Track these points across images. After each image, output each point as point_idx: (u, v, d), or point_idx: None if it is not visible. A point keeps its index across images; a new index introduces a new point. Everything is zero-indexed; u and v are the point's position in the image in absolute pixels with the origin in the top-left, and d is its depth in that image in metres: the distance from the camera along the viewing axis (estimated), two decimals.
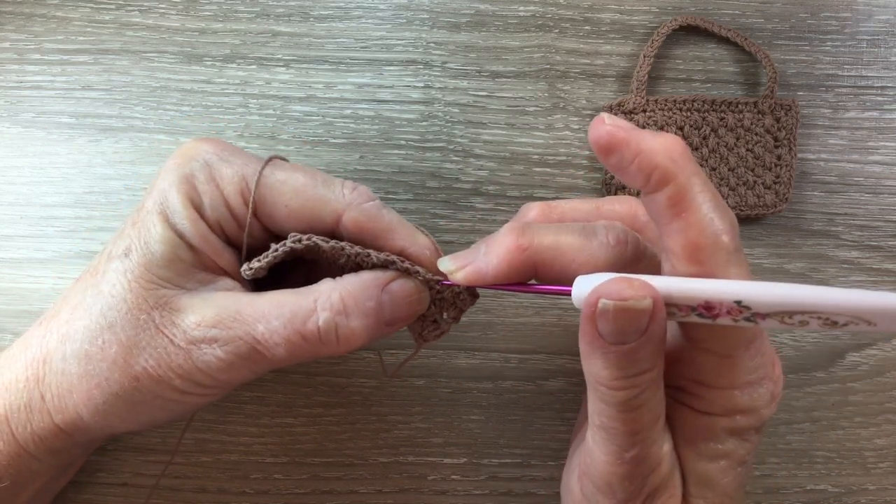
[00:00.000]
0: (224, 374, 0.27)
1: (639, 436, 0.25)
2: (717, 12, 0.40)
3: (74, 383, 0.27)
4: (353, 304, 0.27)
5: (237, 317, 0.26)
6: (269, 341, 0.26)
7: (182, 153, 0.28)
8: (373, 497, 0.38)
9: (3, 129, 0.38)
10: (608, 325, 0.23)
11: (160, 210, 0.27)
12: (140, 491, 0.37)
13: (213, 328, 0.26)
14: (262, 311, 0.26)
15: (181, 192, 0.27)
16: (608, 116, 0.24)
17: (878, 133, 0.40)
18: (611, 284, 0.23)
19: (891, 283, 0.39)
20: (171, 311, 0.26)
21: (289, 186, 0.28)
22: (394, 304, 0.28)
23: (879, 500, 0.39)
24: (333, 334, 0.27)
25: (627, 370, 0.24)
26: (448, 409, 0.38)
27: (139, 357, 0.26)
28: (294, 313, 0.26)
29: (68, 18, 0.39)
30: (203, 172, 0.27)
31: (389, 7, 0.39)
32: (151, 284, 0.26)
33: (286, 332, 0.26)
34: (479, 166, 0.39)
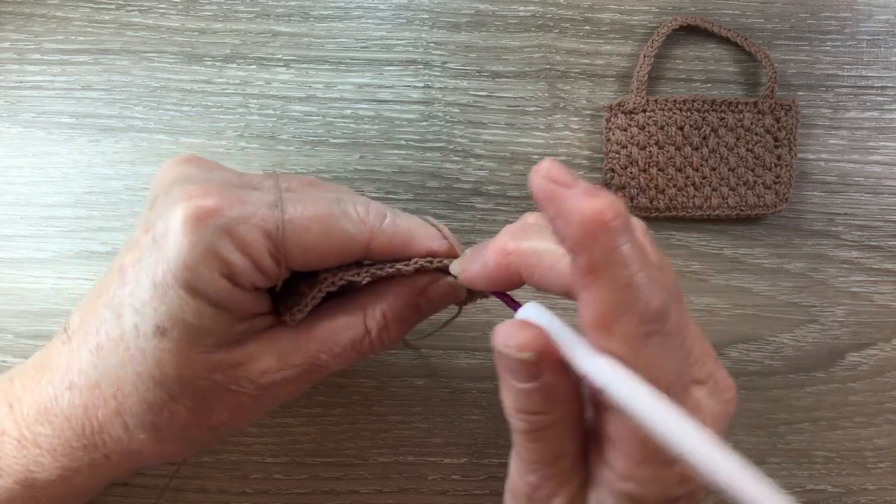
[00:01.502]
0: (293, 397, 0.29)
1: (536, 465, 0.25)
2: (717, 12, 0.40)
3: (146, 447, 0.27)
4: (394, 317, 0.29)
5: (298, 354, 0.27)
6: (331, 365, 0.28)
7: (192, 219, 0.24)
8: (373, 497, 0.38)
9: (3, 129, 0.38)
10: (503, 366, 0.24)
11: (186, 285, 0.24)
12: (140, 491, 0.37)
13: (279, 372, 0.27)
14: (322, 341, 0.28)
15: (211, 266, 0.25)
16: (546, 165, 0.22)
17: (878, 133, 0.40)
18: (506, 326, 0.24)
19: (891, 282, 0.39)
20: (232, 368, 0.26)
21: (313, 233, 0.26)
22: (431, 305, 0.30)
23: (879, 500, 0.39)
24: (381, 345, 0.29)
25: (522, 405, 0.24)
26: (448, 409, 0.38)
27: (213, 413, 0.27)
28: (353, 340, 0.28)
29: (68, 18, 0.39)
30: (225, 240, 0.25)
31: (389, 7, 0.39)
32: (203, 355, 0.26)
33: (346, 354, 0.28)
34: (479, 166, 0.39)
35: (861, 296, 0.39)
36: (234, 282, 0.25)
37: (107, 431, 0.26)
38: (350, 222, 0.27)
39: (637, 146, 0.38)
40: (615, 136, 0.38)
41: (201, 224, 0.24)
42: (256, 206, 0.26)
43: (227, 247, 0.25)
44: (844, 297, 0.39)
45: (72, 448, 0.27)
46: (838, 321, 0.39)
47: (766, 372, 0.39)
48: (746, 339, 0.39)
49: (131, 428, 0.26)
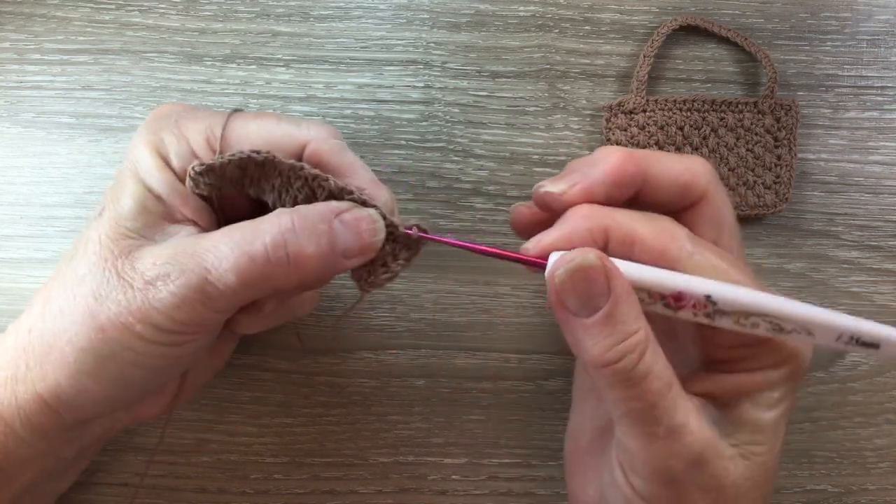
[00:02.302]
0: (179, 312, 0.26)
1: (660, 407, 0.25)
2: (717, 12, 0.40)
3: (50, 342, 0.27)
4: (304, 224, 0.26)
5: (188, 251, 0.26)
6: (219, 268, 0.25)
7: (153, 114, 0.29)
8: (373, 497, 0.38)
9: (3, 129, 0.38)
10: (573, 297, 0.24)
11: (132, 168, 0.28)
12: (141, 491, 0.37)
13: (165, 265, 0.26)
14: (213, 241, 0.26)
15: (149, 146, 0.28)
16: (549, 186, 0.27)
17: (878, 133, 0.40)
18: (559, 258, 0.24)
19: (891, 282, 0.39)
20: (133, 258, 0.26)
21: (254, 126, 0.28)
22: (348, 231, 0.27)
23: (879, 500, 0.39)
24: (283, 252, 0.26)
25: (613, 337, 0.24)
26: (448, 409, 0.38)
27: (103, 307, 0.26)
28: (242, 237, 0.26)
29: (68, 18, 0.39)
30: (170, 127, 0.28)
31: (389, 7, 0.39)
32: (119, 236, 0.27)
33: (234, 255, 0.25)
34: (479, 166, 0.39)
35: (861, 296, 0.39)
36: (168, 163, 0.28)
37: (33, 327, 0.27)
38: (293, 126, 0.28)
39: (637, 146, 0.38)
40: (615, 136, 0.38)
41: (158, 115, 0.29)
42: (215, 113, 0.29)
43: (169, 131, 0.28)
44: (844, 297, 0.39)
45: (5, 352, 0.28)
46: None
47: None
48: None
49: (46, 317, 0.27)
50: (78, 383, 0.27)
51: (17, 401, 0.27)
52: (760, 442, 0.27)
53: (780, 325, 0.25)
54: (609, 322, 0.24)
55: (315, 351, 0.38)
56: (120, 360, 0.26)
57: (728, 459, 0.26)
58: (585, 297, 0.24)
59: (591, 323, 0.24)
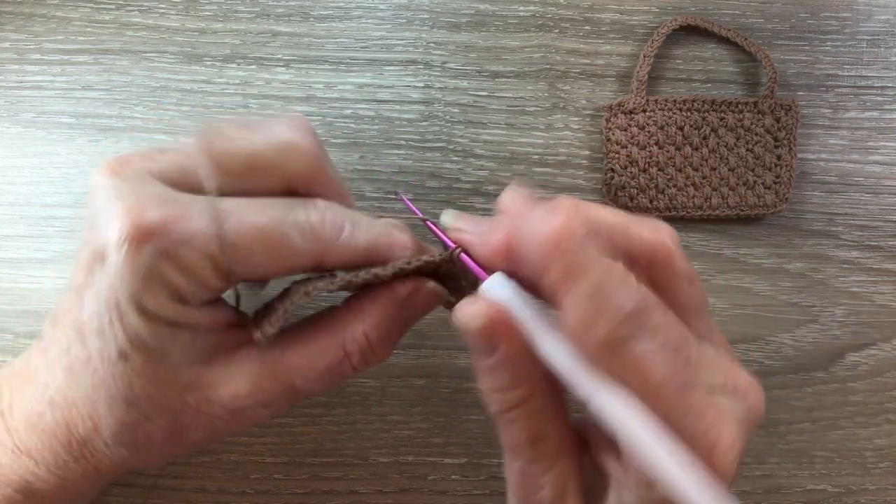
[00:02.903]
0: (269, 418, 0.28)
1: (518, 450, 0.25)
2: (717, 12, 0.40)
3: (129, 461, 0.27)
4: (379, 337, 0.27)
5: (272, 378, 0.26)
6: (307, 389, 0.27)
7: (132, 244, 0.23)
8: (373, 497, 0.38)
9: (3, 129, 0.38)
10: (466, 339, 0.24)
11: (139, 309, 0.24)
12: (141, 491, 0.37)
13: (251, 397, 0.26)
14: (297, 366, 0.27)
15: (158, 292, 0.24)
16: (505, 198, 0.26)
17: (878, 133, 0.40)
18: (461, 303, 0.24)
19: (891, 282, 0.39)
20: (202, 390, 0.26)
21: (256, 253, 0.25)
22: (417, 313, 0.28)
23: (879, 500, 0.39)
24: (365, 367, 0.28)
25: (490, 383, 0.24)
26: (448, 409, 0.38)
27: (187, 432, 0.26)
28: (329, 365, 0.27)
29: (68, 18, 0.39)
30: (167, 266, 0.24)
31: (389, 7, 0.39)
32: (170, 375, 0.25)
33: (323, 380, 0.27)
34: (479, 166, 0.39)
35: (861, 296, 0.39)
36: (184, 302, 0.25)
37: (90, 446, 0.26)
38: (300, 237, 0.25)
39: (637, 146, 0.38)
40: (615, 136, 0.38)
41: (141, 248, 0.23)
42: (196, 223, 0.24)
43: (170, 270, 0.24)
44: (844, 297, 0.39)
45: (63, 461, 0.27)
46: (838, 321, 0.39)
47: (766, 372, 0.39)
48: (746, 339, 0.39)
49: (111, 445, 0.26)
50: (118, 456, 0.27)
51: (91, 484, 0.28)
52: None
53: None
54: (488, 372, 0.24)
55: None
56: None
57: None
58: (473, 345, 0.24)
59: (478, 362, 0.24)
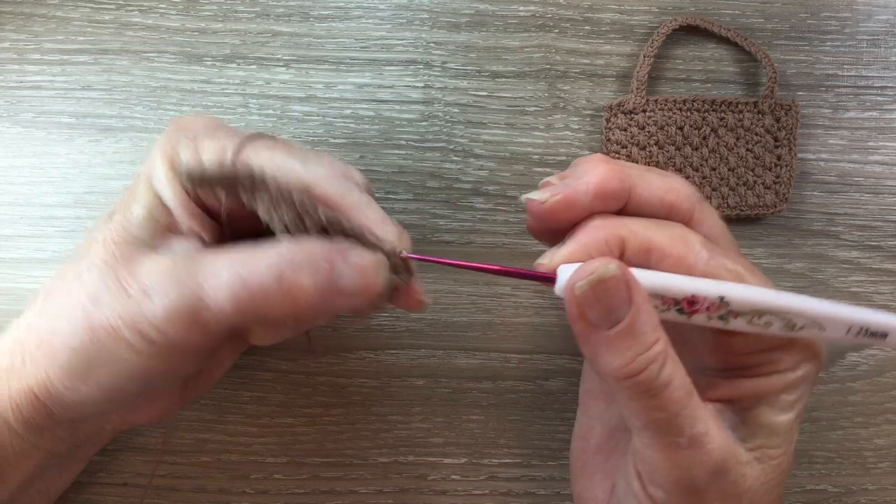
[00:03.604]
0: (170, 326, 0.25)
1: (682, 415, 0.25)
2: (717, 12, 0.40)
3: (44, 339, 0.26)
4: (304, 258, 0.25)
5: (188, 267, 0.25)
6: (216, 293, 0.25)
7: (175, 123, 0.29)
8: (373, 497, 0.38)
9: (3, 129, 0.38)
10: (595, 309, 0.24)
11: (146, 175, 0.28)
12: (141, 491, 0.37)
13: (162, 275, 0.25)
14: (213, 262, 0.25)
15: (164, 157, 0.28)
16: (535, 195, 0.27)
17: (878, 133, 0.40)
18: (578, 270, 0.24)
19: (891, 282, 0.39)
20: (133, 265, 0.26)
21: (264, 159, 0.28)
22: (351, 270, 0.26)
23: (879, 500, 0.39)
24: (277, 285, 0.25)
25: (636, 348, 0.24)
26: (448, 409, 0.38)
27: (97, 309, 0.26)
28: (242, 260, 0.25)
29: (68, 18, 0.39)
30: (187, 142, 0.28)
31: (389, 7, 0.39)
32: (123, 242, 0.27)
33: (231, 280, 0.25)
34: (479, 166, 0.39)
35: (861, 296, 0.39)
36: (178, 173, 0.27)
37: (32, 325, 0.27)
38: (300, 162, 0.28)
39: (637, 146, 0.38)
40: (615, 136, 0.38)
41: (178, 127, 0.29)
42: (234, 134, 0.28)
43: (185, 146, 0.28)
44: (844, 297, 0.39)
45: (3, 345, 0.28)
46: None
47: None
48: None
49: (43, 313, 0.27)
50: (68, 383, 0.27)
51: (11, 393, 0.27)
52: (776, 445, 0.27)
53: (793, 321, 0.25)
54: (630, 333, 0.24)
55: (317, 351, 0.38)
56: (109, 366, 0.26)
57: (746, 465, 0.26)
58: (607, 309, 0.24)
59: (613, 335, 0.24)
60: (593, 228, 0.26)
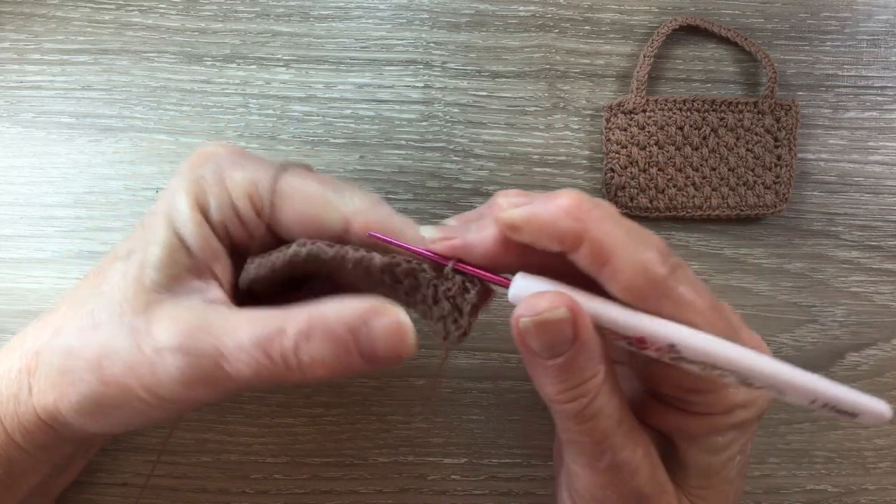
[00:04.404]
0: (185, 389, 0.25)
1: (604, 444, 0.25)
2: (717, 12, 0.40)
3: (55, 377, 0.26)
4: (322, 329, 0.24)
5: (208, 328, 0.25)
6: (236, 359, 0.24)
7: (198, 155, 0.27)
8: (373, 497, 0.38)
9: (3, 129, 0.38)
10: (535, 342, 0.23)
11: (167, 212, 0.26)
12: (137, 491, 0.37)
13: (179, 336, 0.25)
14: (235, 325, 0.25)
15: (189, 193, 0.26)
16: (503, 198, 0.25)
17: (878, 133, 0.40)
18: (526, 301, 0.23)
19: (891, 282, 0.39)
20: (150, 317, 0.25)
21: (300, 192, 0.27)
22: (373, 336, 0.24)
23: (879, 500, 0.39)
24: (293, 358, 0.24)
25: (569, 382, 0.24)
26: (448, 409, 0.38)
27: (110, 362, 0.25)
28: (266, 329, 0.24)
29: (68, 18, 0.39)
30: (213, 175, 0.26)
31: (389, 7, 0.39)
32: (141, 288, 0.26)
33: (253, 349, 0.24)
34: (479, 166, 0.39)
35: (861, 296, 0.39)
36: (206, 216, 0.26)
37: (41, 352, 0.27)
38: (338, 195, 0.27)
39: (637, 146, 0.38)
40: (615, 136, 0.38)
41: (203, 158, 0.27)
42: (261, 164, 0.27)
43: (212, 179, 0.26)
44: (844, 297, 0.39)
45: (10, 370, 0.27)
46: (838, 321, 0.39)
47: None
48: None
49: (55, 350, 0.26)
50: (78, 418, 0.27)
51: (19, 417, 0.27)
52: (706, 486, 0.27)
53: (748, 380, 0.23)
54: (568, 368, 0.24)
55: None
56: (120, 412, 0.26)
57: (673, 497, 0.26)
58: (548, 344, 0.23)
59: (551, 365, 0.24)
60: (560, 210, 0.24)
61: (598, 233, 0.23)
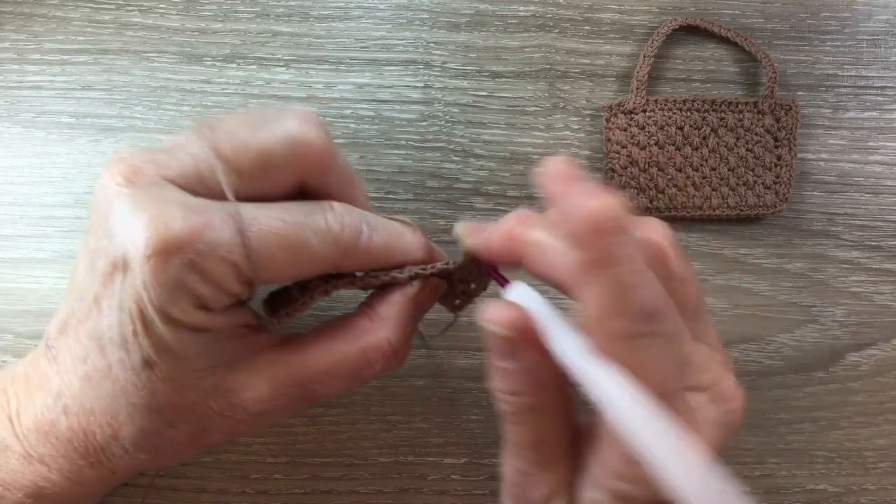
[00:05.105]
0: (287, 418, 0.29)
1: (521, 450, 0.25)
2: (717, 12, 0.40)
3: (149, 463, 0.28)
4: (400, 343, 0.28)
5: (293, 383, 0.27)
6: (327, 394, 0.28)
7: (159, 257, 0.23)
8: (373, 497, 0.38)
9: (3, 129, 0.38)
10: (486, 338, 0.24)
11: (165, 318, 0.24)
12: (140, 491, 0.37)
13: (272, 401, 0.27)
14: (317, 373, 0.27)
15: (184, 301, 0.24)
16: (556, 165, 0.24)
17: (878, 133, 0.40)
18: (493, 304, 0.24)
19: (891, 282, 0.39)
20: (225, 394, 0.26)
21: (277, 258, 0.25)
22: (423, 309, 0.30)
23: (879, 500, 0.39)
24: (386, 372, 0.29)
25: (504, 386, 0.25)
26: (448, 409, 0.38)
27: (209, 436, 0.27)
28: (350, 371, 0.28)
29: (68, 18, 0.39)
30: (192, 275, 0.24)
31: (389, 7, 0.39)
32: (194, 381, 0.26)
33: (344, 385, 0.28)
34: (479, 166, 0.39)
35: (861, 296, 0.39)
36: (208, 309, 0.25)
37: (108, 452, 0.27)
38: (320, 242, 0.26)
39: (637, 146, 0.38)
40: (615, 136, 0.38)
41: (168, 260, 0.23)
42: (221, 233, 0.24)
43: (196, 281, 0.24)
44: (844, 297, 0.39)
45: (78, 466, 0.27)
46: (838, 321, 0.39)
47: (766, 372, 0.39)
48: (746, 339, 0.39)
49: (130, 451, 0.26)
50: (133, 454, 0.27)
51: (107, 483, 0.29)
52: None
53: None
54: (504, 375, 0.25)
55: None
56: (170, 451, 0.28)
57: None
58: (493, 349, 0.24)
59: (493, 364, 0.25)
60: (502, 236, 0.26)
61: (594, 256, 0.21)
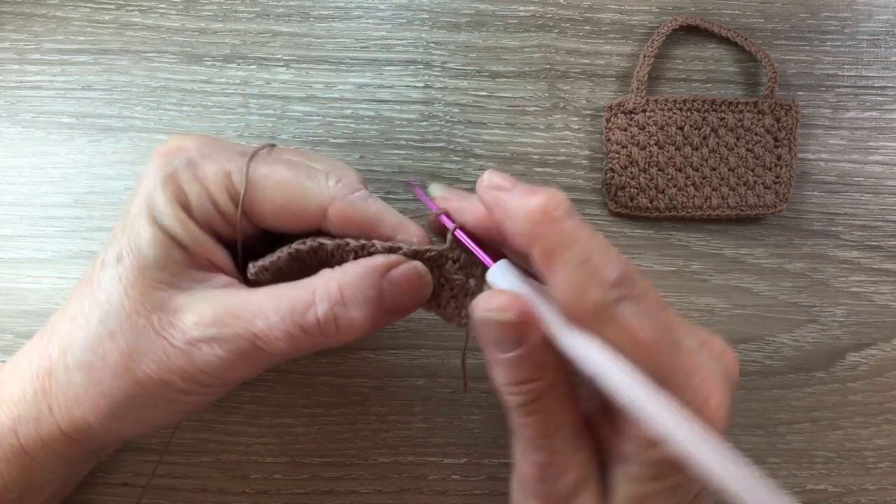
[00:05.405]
0: (226, 372, 0.26)
1: (540, 441, 0.25)
2: (717, 12, 0.40)
3: (80, 393, 0.27)
4: (352, 294, 0.26)
5: (235, 313, 0.26)
6: (269, 336, 0.26)
7: (163, 152, 0.28)
8: (373, 497, 0.38)
9: (3, 129, 0.38)
10: (487, 334, 0.24)
11: (147, 212, 0.26)
12: (138, 491, 0.37)
13: (211, 327, 0.26)
14: (260, 306, 0.26)
15: (167, 191, 0.26)
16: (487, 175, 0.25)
17: (878, 133, 0.40)
18: (487, 294, 0.24)
19: (891, 282, 0.39)
20: (169, 313, 0.26)
21: (272, 181, 0.27)
22: (395, 290, 0.27)
23: (879, 500, 0.39)
24: (333, 325, 0.26)
25: (514, 377, 0.24)
26: (448, 409, 0.38)
27: (140, 363, 0.26)
28: (293, 306, 0.26)
29: (68, 18, 0.39)
30: (187, 170, 0.27)
31: (389, 7, 0.39)
32: (147, 288, 0.26)
33: (285, 325, 0.26)
34: (479, 166, 0.39)
35: (861, 296, 0.39)
36: (189, 212, 0.27)
37: (53, 372, 0.27)
38: (312, 182, 0.27)
39: (637, 146, 0.38)
40: (615, 136, 0.38)
41: (170, 154, 0.27)
42: (229, 153, 0.28)
43: (186, 176, 0.27)
44: (844, 297, 0.39)
45: (24, 394, 0.27)
46: (838, 321, 0.39)
47: (766, 372, 0.39)
48: (746, 339, 0.39)
49: (71, 367, 0.27)
50: (113, 426, 0.27)
51: (42, 438, 0.28)
52: None
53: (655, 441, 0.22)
54: (513, 365, 0.24)
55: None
56: (157, 409, 0.27)
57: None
58: (497, 340, 0.24)
59: (499, 358, 0.24)
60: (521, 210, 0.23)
61: (549, 244, 0.22)
